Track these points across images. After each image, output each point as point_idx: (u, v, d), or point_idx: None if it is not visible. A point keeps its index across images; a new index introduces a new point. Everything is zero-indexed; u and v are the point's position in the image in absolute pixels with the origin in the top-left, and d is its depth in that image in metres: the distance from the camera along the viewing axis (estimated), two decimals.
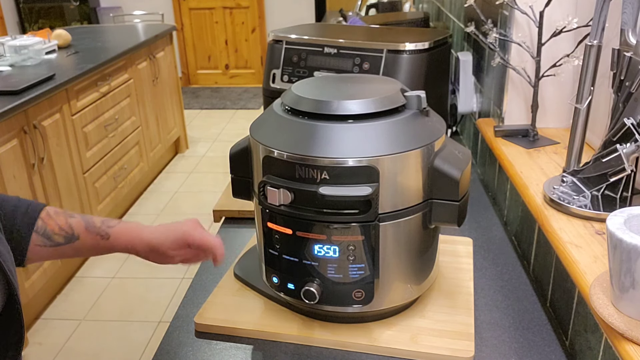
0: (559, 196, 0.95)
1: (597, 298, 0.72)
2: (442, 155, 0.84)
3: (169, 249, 0.88)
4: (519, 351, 0.88)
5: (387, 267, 0.86)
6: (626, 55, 0.87)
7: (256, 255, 0.99)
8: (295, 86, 0.91)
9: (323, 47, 1.39)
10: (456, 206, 0.84)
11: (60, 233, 0.85)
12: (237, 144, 0.93)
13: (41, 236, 0.84)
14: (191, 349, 0.92)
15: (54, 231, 0.84)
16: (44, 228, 0.84)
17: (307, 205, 0.82)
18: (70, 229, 0.85)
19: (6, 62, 2.86)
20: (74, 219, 0.87)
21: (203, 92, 5.90)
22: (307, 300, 0.87)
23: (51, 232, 0.84)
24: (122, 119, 3.28)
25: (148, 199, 3.64)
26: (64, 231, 0.85)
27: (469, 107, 1.61)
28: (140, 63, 3.51)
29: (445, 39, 1.43)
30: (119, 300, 2.65)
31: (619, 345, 0.68)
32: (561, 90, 1.26)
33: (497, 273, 1.08)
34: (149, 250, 0.88)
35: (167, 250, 0.88)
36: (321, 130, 0.81)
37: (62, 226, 0.85)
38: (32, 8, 5.53)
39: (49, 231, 0.84)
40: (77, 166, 2.77)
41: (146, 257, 0.89)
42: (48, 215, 0.85)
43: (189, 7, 5.85)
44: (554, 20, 1.14)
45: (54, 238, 0.84)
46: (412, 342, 0.88)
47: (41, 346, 2.37)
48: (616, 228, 0.66)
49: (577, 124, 1.00)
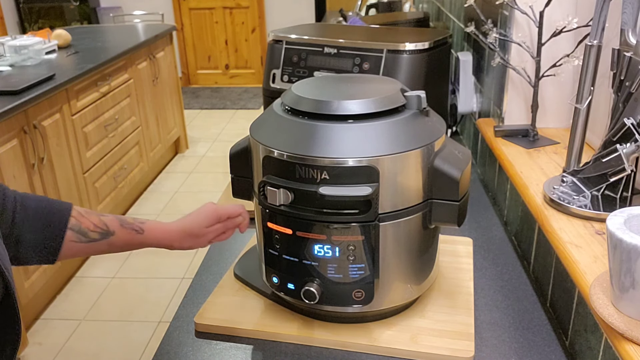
0: (559, 196, 0.95)
1: (597, 298, 0.72)
2: (442, 155, 0.84)
3: (204, 227, 0.95)
4: (519, 351, 0.88)
5: (387, 267, 0.86)
6: (626, 55, 0.87)
7: (256, 255, 0.99)
8: (295, 86, 0.91)
9: (323, 47, 1.39)
10: (456, 206, 0.84)
11: (96, 230, 0.88)
12: (237, 144, 0.93)
13: (76, 233, 0.86)
14: (191, 349, 0.92)
15: (89, 228, 0.88)
16: (78, 225, 0.87)
17: (307, 205, 0.82)
18: (105, 226, 0.89)
19: (6, 62, 2.86)
20: (106, 218, 0.91)
21: (203, 92, 5.90)
22: (307, 300, 0.87)
23: (86, 229, 0.87)
24: (122, 119, 3.28)
25: (148, 199, 3.64)
26: (99, 228, 0.88)
27: (469, 107, 1.61)
28: (140, 63, 3.51)
29: (445, 39, 1.43)
30: (119, 300, 2.65)
31: (619, 345, 0.68)
32: (561, 90, 1.26)
33: (497, 273, 1.08)
34: (185, 236, 0.94)
35: (202, 229, 0.95)
36: (321, 130, 0.81)
37: (97, 224, 0.88)
38: (32, 8, 5.53)
39: (83, 228, 0.87)
40: (77, 166, 2.77)
41: (181, 244, 0.95)
42: (79, 213, 0.88)
43: (189, 7, 5.86)
44: (554, 20, 1.14)
45: (90, 235, 0.88)
46: (412, 342, 0.88)
47: (41, 346, 2.37)
48: (616, 228, 0.66)
49: (577, 124, 1.00)
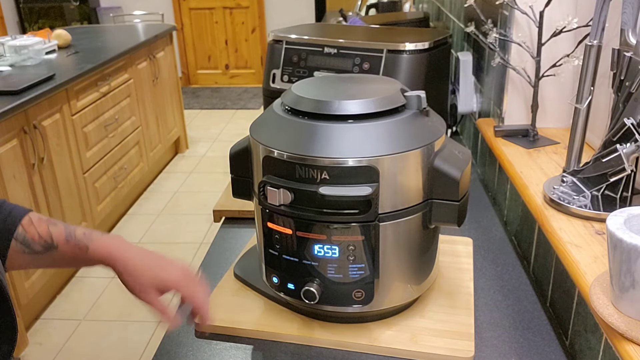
0: (559, 196, 0.95)
1: (597, 298, 0.72)
2: (442, 155, 0.84)
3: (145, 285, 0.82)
4: (519, 351, 0.88)
5: (387, 267, 0.86)
6: (626, 55, 0.87)
7: (256, 255, 0.99)
8: (295, 86, 0.91)
9: (323, 47, 1.39)
10: (456, 206, 0.84)
11: (39, 241, 0.81)
12: (237, 144, 0.93)
13: (20, 243, 0.81)
14: (191, 349, 0.92)
15: (34, 239, 0.81)
16: (24, 235, 0.81)
17: (307, 205, 0.82)
18: (50, 238, 0.82)
19: (6, 62, 2.86)
20: (55, 228, 0.83)
21: (203, 92, 5.90)
22: (307, 300, 0.87)
23: (30, 240, 0.81)
24: (122, 119, 3.28)
25: (148, 199, 3.64)
26: (43, 239, 0.82)
27: (469, 107, 1.61)
28: (140, 63, 3.51)
29: (445, 39, 1.43)
30: (119, 300, 2.65)
31: (619, 345, 0.68)
32: (561, 90, 1.26)
33: (497, 273, 1.08)
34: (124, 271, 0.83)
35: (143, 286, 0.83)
36: (321, 130, 0.81)
37: (42, 234, 0.82)
38: (32, 8, 5.53)
39: (28, 239, 0.81)
40: (77, 166, 2.77)
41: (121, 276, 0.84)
42: (30, 222, 0.82)
43: (189, 7, 5.85)
44: (554, 20, 1.14)
45: (33, 246, 0.81)
46: (412, 342, 0.88)
47: (41, 346, 2.37)
48: (616, 228, 0.66)
49: (577, 124, 1.00)
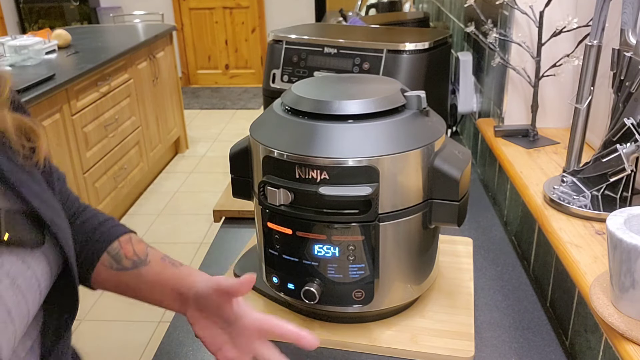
0: (559, 196, 0.95)
1: (597, 298, 0.72)
2: (442, 155, 0.84)
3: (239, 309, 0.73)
4: (519, 351, 0.88)
5: (387, 267, 0.86)
6: (626, 55, 0.87)
7: (256, 255, 0.99)
8: (295, 86, 0.91)
9: (323, 47, 1.39)
10: (456, 206, 0.84)
11: (132, 257, 0.79)
12: (237, 144, 0.93)
13: (111, 257, 0.79)
14: (191, 349, 0.92)
15: (127, 255, 0.79)
16: (117, 250, 0.79)
17: (307, 205, 0.82)
18: (145, 255, 0.79)
19: (6, 62, 2.86)
20: (154, 250, 0.81)
21: (203, 92, 5.90)
22: (307, 300, 0.87)
23: (123, 256, 0.79)
24: (122, 119, 3.28)
25: (148, 199, 3.64)
26: (136, 256, 0.79)
27: (469, 107, 1.61)
28: (140, 63, 3.51)
29: (445, 39, 1.43)
30: (119, 300, 2.64)
31: (619, 345, 0.68)
32: (561, 90, 1.26)
33: (497, 273, 1.08)
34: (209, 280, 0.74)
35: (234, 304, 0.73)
36: (321, 130, 0.81)
37: (138, 252, 0.80)
38: (32, 8, 5.54)
39: (121, 254, 0.79)
40: (77, 166, 2.77)
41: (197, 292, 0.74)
42: (129, 240, 0.81)
43: (189, 7, 5.86)
44: (554, 20, 1.14)
45: (123, 262, 0.79)
46: (412, 342, 0.88)
47: None
48: (616, 228, 0.66)
49: (577, 124, 1.00)
